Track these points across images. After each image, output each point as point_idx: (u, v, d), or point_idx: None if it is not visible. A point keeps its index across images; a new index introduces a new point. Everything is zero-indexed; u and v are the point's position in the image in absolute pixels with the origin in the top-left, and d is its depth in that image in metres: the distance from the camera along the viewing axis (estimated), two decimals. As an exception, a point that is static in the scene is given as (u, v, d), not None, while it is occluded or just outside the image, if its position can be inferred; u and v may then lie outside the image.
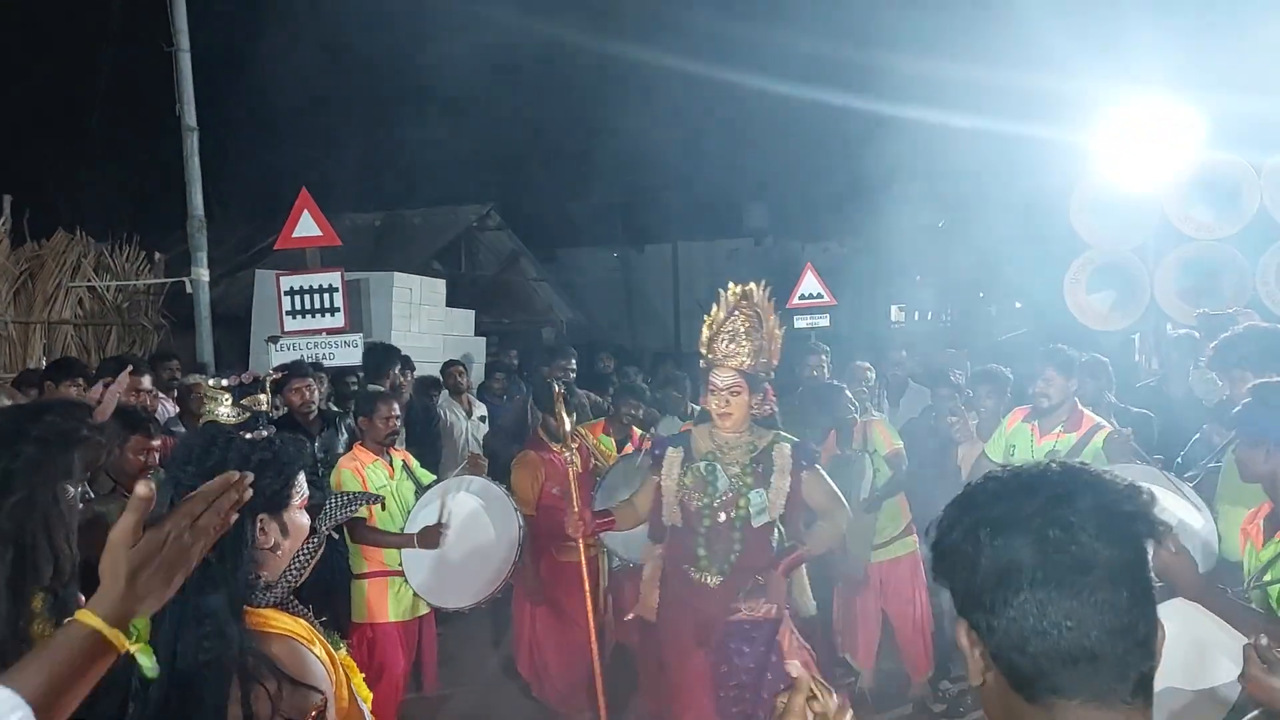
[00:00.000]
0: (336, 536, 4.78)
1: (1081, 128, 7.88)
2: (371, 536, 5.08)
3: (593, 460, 5.73)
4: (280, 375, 6.15)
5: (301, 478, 2.10)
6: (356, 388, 7.84)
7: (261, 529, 1.99)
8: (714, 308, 3.96)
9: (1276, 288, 6.69)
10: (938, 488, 5.95)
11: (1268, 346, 3.93)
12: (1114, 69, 7.76)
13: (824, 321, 11.42)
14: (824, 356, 7.02)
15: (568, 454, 4.26)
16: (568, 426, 4.24)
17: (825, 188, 19.98)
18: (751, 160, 19.89)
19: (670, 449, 4.02)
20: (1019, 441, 5.01)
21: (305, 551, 2.15)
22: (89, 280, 10.36)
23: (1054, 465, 1.30)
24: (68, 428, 2.40)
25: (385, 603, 5.12)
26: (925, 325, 20.08)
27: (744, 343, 3.85)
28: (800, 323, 11.40)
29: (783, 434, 4.03)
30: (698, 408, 6.44)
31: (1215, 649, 3.13)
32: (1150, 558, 1.26)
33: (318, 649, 2.02)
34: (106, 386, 3.75)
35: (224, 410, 2.10)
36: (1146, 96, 7.29)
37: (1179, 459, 4.61)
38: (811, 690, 1.50)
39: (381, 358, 7.67)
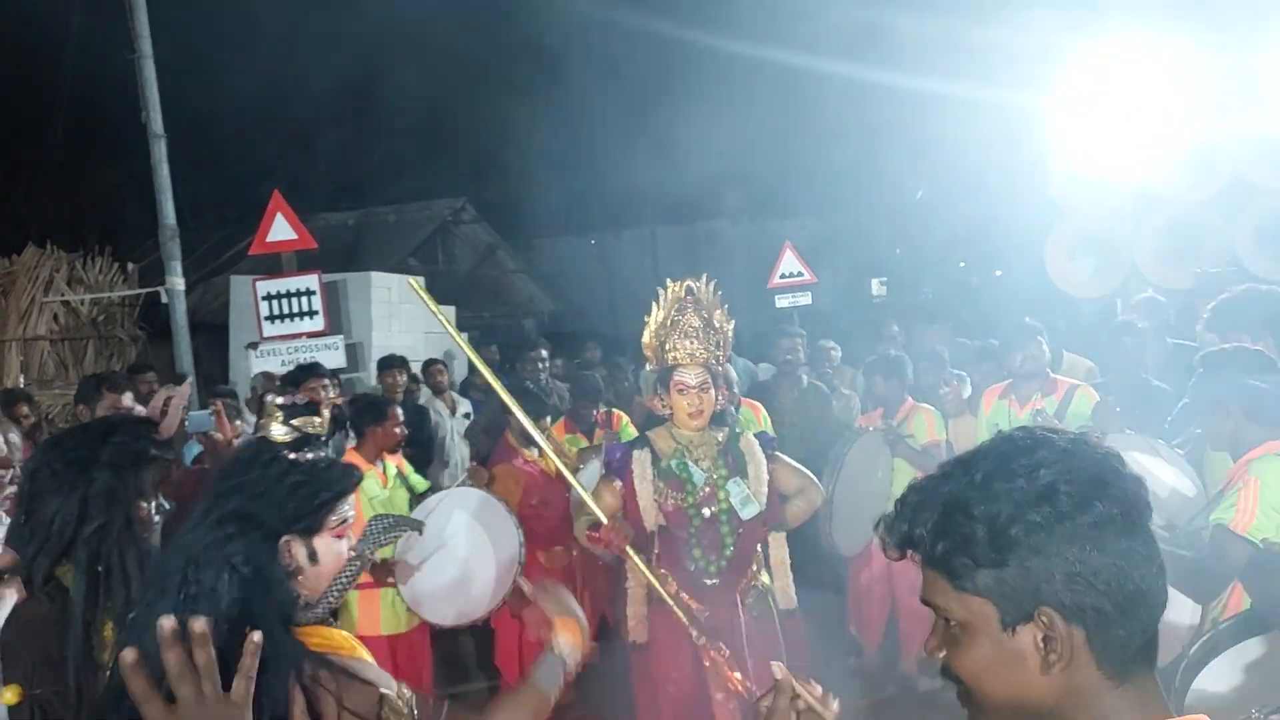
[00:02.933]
0: (378, 560, 4.67)
1: (1058, 94, 7.85)
2: None
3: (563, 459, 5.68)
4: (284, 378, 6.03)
5: (345, 504, 2.02)
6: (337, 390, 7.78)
7: (288, 551, 1.93)
8: (654, 307, 3.89)
9: (1255, 249, 6.70)
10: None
11: (1267, 309, 3.94)
12: (1091, 35, 7.73)
13: (805, 300, 11.35)
14: (799, 340, 6.94)
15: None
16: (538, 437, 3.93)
17: (801, 164, 19.93)
18: (726, 140, 19.82)
19: (635, 451, 3.91)
20: (1000, 419, 5.12)
21: (347, 575, 2.10)
22: (62, 294, 10.23)
23: (1055, 432, 1.20)
24: (137, 448, 2.43)
25: (377, 615, 4.98)
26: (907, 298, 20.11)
27: (710, 338, 3.83)
28: (782, 302, 11.34)
29: (736, 428, 4.04)
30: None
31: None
32: None
33: (363, 653, 1.99)
34: (168, 399, 3.69)
35: (277, 428, 2.06)
36: (1122, 63, 7.28)
37: (1166, 423, 4.62)
38: (794, 690, 1.49)
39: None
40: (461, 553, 4.91)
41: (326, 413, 2.09)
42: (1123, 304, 7.85)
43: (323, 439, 2.07)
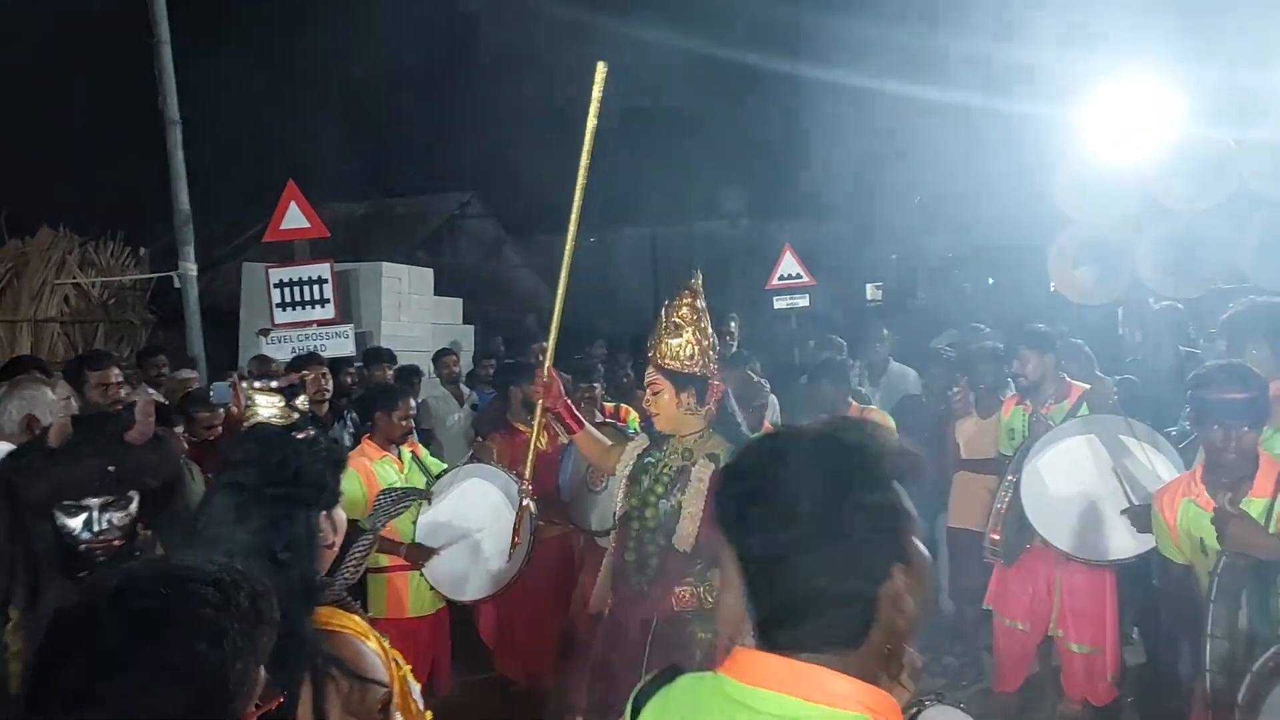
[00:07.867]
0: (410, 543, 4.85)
1: (1060, 103, 7.94)
2: None
3: (560, 440, 5.80)
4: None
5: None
6: (353, 381, 7.86)
7: (322, 526, 2.01)
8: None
9: (1259, 260, 6.78)
10: (935, 465, 6.08)
11: (1276, 322, 4.05)
12: (1094, 43, 7.83)
13: (803, 301, 11.49)
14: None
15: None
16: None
17: (802, 167, 20.02)
18: (727, 142, 19.90)
19: (638, 437, 3.82)
20: (1017, 424, 5.21)
21: (360, 549, 2.16)
22: (74, 277, 10.28)
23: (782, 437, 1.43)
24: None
25: (406, 598, 5.11)
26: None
27: (664, 339, 3.61)
28: (780, 304, 11.47)
29: (717, 452, 3.53)
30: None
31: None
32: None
33: (373, 643, 2.02)
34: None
35: (271, 411, 2.10)
36: (1128, 71, 7.36)
37: (1173, 431, 4.72)
38: None
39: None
40: (476, 527, 5.03)
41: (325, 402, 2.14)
42: (1124, 312, 7.97)
43: (311, 420, 2.14)
